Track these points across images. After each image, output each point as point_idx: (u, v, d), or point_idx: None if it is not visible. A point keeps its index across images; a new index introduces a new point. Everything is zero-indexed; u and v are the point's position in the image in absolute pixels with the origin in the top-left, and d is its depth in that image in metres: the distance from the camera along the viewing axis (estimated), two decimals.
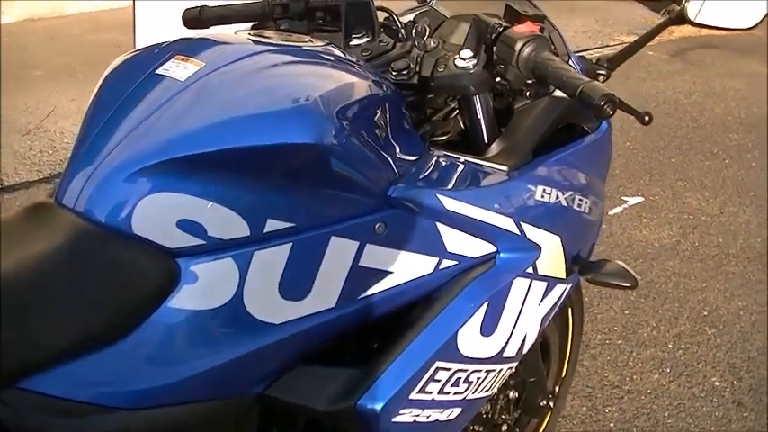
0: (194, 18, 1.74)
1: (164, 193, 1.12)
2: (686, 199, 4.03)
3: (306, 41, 1.38)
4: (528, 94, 1.41)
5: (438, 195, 1.32)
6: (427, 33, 1.53)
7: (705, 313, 3.11)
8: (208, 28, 1.75)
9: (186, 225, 1.13)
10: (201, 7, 1.74)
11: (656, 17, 7.70)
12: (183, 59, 1.24)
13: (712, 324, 3.05)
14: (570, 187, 1.53)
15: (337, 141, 1.19)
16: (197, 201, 1.12)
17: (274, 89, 1.22)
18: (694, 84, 5.87)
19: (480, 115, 1.50)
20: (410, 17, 1.76)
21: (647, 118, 1.29)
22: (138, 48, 1.35)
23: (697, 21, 1.62)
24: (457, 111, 1.59)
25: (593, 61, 1.74)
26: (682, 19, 1.64)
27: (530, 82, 1.38)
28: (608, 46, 6.89)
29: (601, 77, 1.70)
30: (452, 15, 1.72)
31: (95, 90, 1.29)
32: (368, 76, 1.35)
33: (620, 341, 2.93)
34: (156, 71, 1.23)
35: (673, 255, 3.52)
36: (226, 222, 1.14)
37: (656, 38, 7.22)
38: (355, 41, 1.60)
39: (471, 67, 1.43)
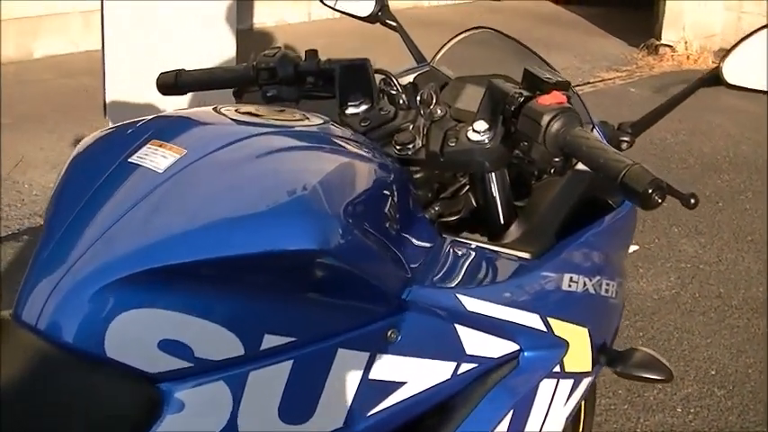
0: (170, 84, 1.56)
1: (142, 310, 0.95)
2: (682, 246, 3.89)
3: (299, 119, 1.21)
4: (552, 171, 1.25)
5: (457, 295, 1.16)
6: (434, 101, 1.36)
7: (713, 372, 2.96)
8: (185, 94, 1.58)
9: (169, 346, 0.96)
10: (178, 71, 1.56)
11: (635, 52, 7.68)
12: (160, 145, 1.07)
13: (721, 384, 2.89)
14: (597, 271, 1.37)
15: (343, 244, 1.02)
16: (181, 317, 0.95)
17: (268, 184, 1.06)
18: (680, 121, 5.76)
19: (496, 193, 1.34)
20: (409, 78, 1.61)
21: (692, 201, 1.13)
22: (110, 126, 1.18)
23: (734, 83, 1.46)
24: (467, 187, 1.42)
25: (615, 127, 1.58)
26: (716, 80, 1.49)
27: (557, 160, 1.22)
28: (588, 83, 6.80)
29: (624, 144, 1.55)
30: (457, 77, 1.56)
31: (59, 177, 1.12)
32: (372, 160, 1.19)
33: (625, 406, 2.76)
34: (130, 159, 1.06)
35: (673, 308, 3.37)
36: (216, 341, 0.97)
37: (637, 74, 7.12)
38: (352, 110, 1.44)
39: (487, 141, 1.27)
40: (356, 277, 1.04)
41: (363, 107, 1.44)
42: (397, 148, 1.36)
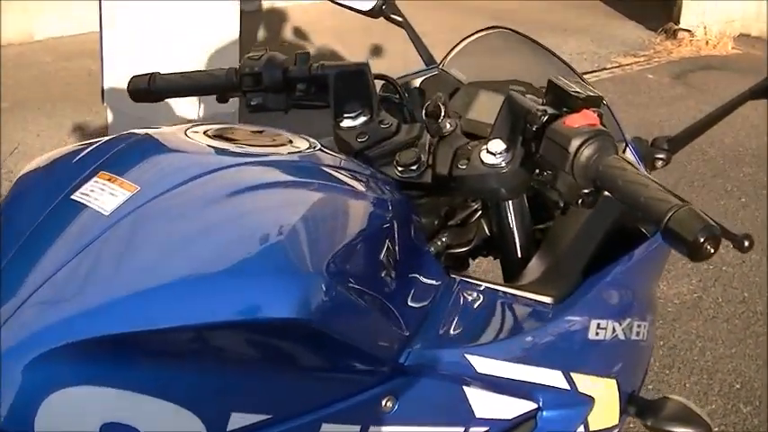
0: (142, 90, 1.37)
1: (80, 387, 0.78)
2: None
3: (280, 144, 1.04)
4: (580, 202, 1.08)
5: (465, 355, 0.99)
6: (442, 113, 1.18)
7: (737, 386, 2.78)
8: (161, 101, 1.40)
9: (114, 430, 0.78)
10: (152, 75, 1.37)
11: (653, 36, 7.44)
12: (109, 178, 0.89)
13: (747, 400, 2.72)
14: (627, 312, 1.20)
15: (327, 309, 0.85)
16: (129, 396, 0.79)
17: (235, 234, 0.88)
18: (700, 111, 5.54)
19: (513, 224, 1.17)
20: (416, 83, 1.43)
21: (746, 244, 0.95)
22: (54, 152, 0.99)
23: None
24: (480, 212, 1.25)
25: (649, 143, 1.40)
26: (765, 92, 1.31)
27: (586, 191, 1.04)
28: (605, 69, 6.58)
29: (659, 162, 1.37)
30: (470, 82, 1.38)
31: None
32: (368, 196, 1.02)
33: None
34: (73, 195, 0.89)
35: (695, 314, 3.19)
36: (172, 422, 0.80)
37: (655, 59, 6.90)
38: (348, 122, 1.27)
39: (504, 164, 1.10)
40: (343, 345, 0.87)
41: (361, 119, 1.27)
42: (399, 169, 1.18)
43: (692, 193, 4.23)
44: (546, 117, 1.04)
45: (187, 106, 4.03)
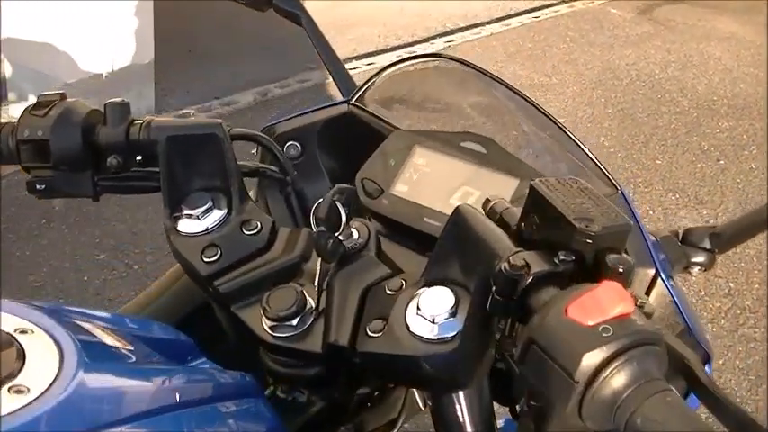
0: None
1: None
2: (681, 220, 3.26)
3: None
4: None
5: None
6: (342, 223, 0.69)
7: None
8: None
9: None
10: None
11: None
12: None
13: None
14: None
15: None
16: None
17: None
18: (668, 52, 5.08)
19: (464, 417, 0.68)
20: (309, 127, 0.93)
21: None
22: None
23: None
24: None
25: (679, 239, 0.92)
26: None
27: None
28: (564, 2, 6.04)
29: (696, 268, 0.90)
30: (401, 130, 0.89)
31: None
32: None
33: None
34: None
35: None
36: None
37: None
38: (188, 224, 0.77)
39: (450, 336, 0.62)
40: None
41: (212, 216, 0.77)
42: (269, 324, 0.69)
43: (666, 153, 3.78)
44: (529, 280, 0.55)
45: (91, 61, 3.47)
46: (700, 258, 0.90)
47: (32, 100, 0.80)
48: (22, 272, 2.59)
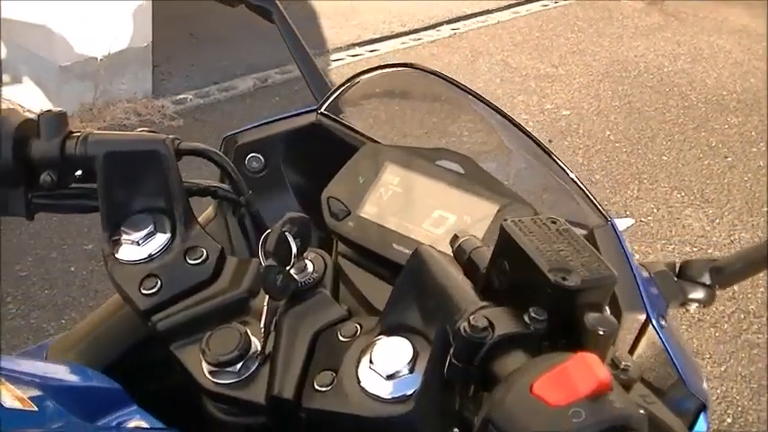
0: None
1: None
2: (686, 219, 3.18)
3: None
4: None
5: None
6: (293, 256, 0.63)
7: (729, 420, 2.29)
8: None
9: None
10: None
11: None
12: None
13: None
14: None
15: None
16: None
17: None
18: (678, 44, 4.98)
19: None
20: (274, 138, 0.86)
21: None
22: None
23: None
24: None
25: (675, 273, 0.84)
26: None
27: None
28: None
29: (693, 305, 0.82)
30: (369, 145, 0.82)
31: None
32: None
33: None
34: None
35: (676, 314, 2.68)
36: None
37: None
38: (127, 250, 0.70)
39: (408, 394, 0.55)
40: None
41: (154, 242, 0.70)
42: (208, 369, 0.62)
43: (673, 150, 3.70)
44: (492, 342, 0.48)
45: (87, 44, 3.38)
46: (698, 294, 0.81)
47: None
48: (8, 261, 2.53)
